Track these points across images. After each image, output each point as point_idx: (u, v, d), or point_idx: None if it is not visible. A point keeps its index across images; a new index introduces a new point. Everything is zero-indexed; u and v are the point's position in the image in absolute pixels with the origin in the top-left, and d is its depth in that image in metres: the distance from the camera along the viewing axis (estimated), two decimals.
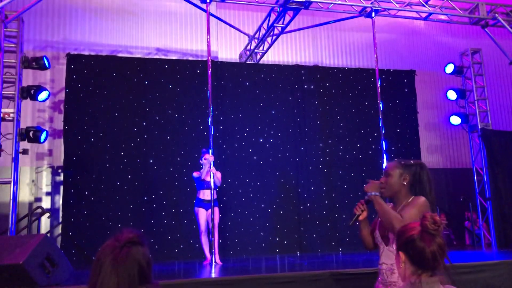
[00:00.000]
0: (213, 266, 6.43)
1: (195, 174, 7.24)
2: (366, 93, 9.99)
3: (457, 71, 10.03)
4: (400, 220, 2.70)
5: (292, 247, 8.99)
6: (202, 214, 7.11)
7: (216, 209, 7.04)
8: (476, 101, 9.76)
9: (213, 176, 6.90)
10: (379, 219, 3.00)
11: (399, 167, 3.01)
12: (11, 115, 7.44)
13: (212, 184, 6.90)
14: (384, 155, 8.03)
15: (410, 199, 2.90)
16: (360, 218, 3.09)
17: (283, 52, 10.52)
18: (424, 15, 9.33)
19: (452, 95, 9.94)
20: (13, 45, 7.69)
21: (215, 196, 7.05)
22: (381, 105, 8.14)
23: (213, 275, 5.49)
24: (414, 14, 9.42)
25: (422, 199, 2.84)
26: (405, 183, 2.96)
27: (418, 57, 11.66)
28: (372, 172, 9.45)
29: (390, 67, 11.02)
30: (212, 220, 6.78)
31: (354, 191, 9.52)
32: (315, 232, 9.20)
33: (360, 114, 9.97)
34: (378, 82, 8.19)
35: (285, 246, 8.97)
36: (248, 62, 10.06)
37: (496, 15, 9.20)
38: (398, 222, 2.67)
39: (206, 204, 7.04)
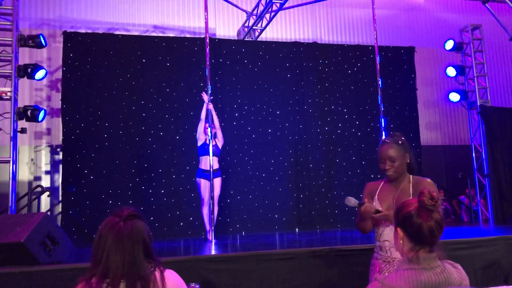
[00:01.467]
0: (213, 243, 6.48)
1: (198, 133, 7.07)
2: (365, 70, 9.93)
3: (457, 48, 9.95)
4: None
5: (291, 224, 9.06)
6: (204, 186, 7.01)
7: (217, 180, 6.98)
8: (475, 78, 9.72)
9: (210, 115, 6.77)
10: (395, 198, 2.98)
11: (400, 149, 3.04)
12: (8, 94, 7.39)
13: (211, 149, 6.75)
14: (383, 132, 8.02)
15: (416, 180, 2.97)
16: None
17: (281, 29, 10.42)
18: None
19: (451, 71, 9.89)
20: (8, 23, 7.59)
21: (217, 166, 6.99)
22: (380, 82, 8.10)
23: (212, 252, 5.54)
24: None
25: (430, 180, 2.94)
26: (408, 161, 3.03)
27: (417, 34, 11.57)
28: (371, 150, 9.48)
29: (390, 43, 10.93)
30: (212, 192, 6.71)
31: (352, 168, 9.55)
32: (314, 209, 9.27)
33: (359, 91, 9.93)
34: (378, 59, 8.13)
35: (284, 223, 9.04)
36: (246, 39, 9.98)
37: None
38: None
39: (207, 175, 6.87)
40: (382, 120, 8.11)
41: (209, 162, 6.76)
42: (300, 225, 9.11)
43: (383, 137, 7.82)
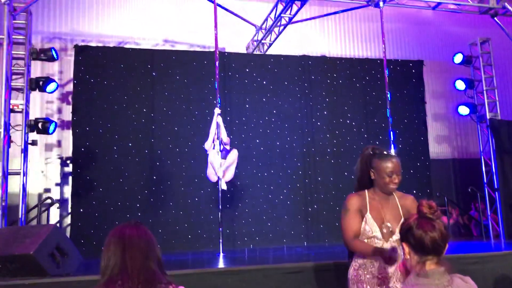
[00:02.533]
0: (221, 256, 6.42)
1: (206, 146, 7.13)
2: (374, 83, 9.93)
3: (466, 61, 9.92)
4: None
5: (300, 238, 9.01)
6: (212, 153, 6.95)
7: (234, 151, 7.01)
8: (484, 91, 9.67)
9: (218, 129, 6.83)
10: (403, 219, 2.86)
11: None
12: (20, 106, 7.48)
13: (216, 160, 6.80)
14: (392, 145, 7.99)
15: (400, 196, 2.99)
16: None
17: (290, 43, 10.45)
18: (433, 4, 9.22)
19: (460, 85, 9.85)
20: (21, 37, 7.71)
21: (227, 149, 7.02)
22: (388, 96, 8.08)
23: (221, 265, 5.51)
24: (423, 4, 9.32)
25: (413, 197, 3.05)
26: None
27: (426, 47, 11.55)
28: None
29: (398, 57, 10.93)
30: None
31: None
32: (323, 222, 9.21)
33: (368, 104, 9.92)
34: (386, 73, 8.13)
35: (292, 236, 8.99)
36: (255, 53, 10.03)
37: (506, 4, 9.08)
38: None
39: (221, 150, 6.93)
40: (391, 133, 8.07)
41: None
42: (309, 239, 9.05)
43: (392, 150, 7.78)
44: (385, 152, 3.04)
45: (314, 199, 9.30)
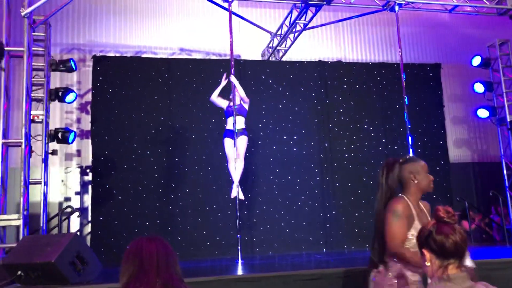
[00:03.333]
0: (239, 264, 6.42)
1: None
2: (391, 88, 9.86)
3: (484, 63, 9.80)
4: None
5: (318, 244, 8.95)
6: (228, 143, 7.10)
7: (242, 139, 7.03)
8: (504, 94, 9.53)
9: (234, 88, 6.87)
10: None
11: None
12: (40, 117, 7.60)
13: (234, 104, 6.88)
14: (410, 150, 7.91)
15: (425, 202, 3.07)
16: None
17: (306, 49, 10.45)
18: (449, 7, 9.14)
19: (479, 88, 9.73)
20: (41, 48, 7.85)
21: (242, 126, 7.06)
22: (406, 100, 8.02)
23: (239, 272, 5.50)
24: (439, 7, 9.24)
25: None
26: None
27: (443, 50, 11.43)
28: None
29: (415, 60, 10.84)
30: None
31: None
32: (341, 228, 9.14)
33: (385, 109, 9.85)
34: (403, 77, 8.07)
35: (311, 243, 8.94)
36: (270, 59, 10.04)
37: None
38: None
39: (231, 133, 7.01)
40: (409, 137, 8.00)
41: (233, 120, 6.89)
42: (328, 245, 8.98)
43: (411, 154, 7.70)
44: (413, 156, 3.21)
45: (332, 205, 9.25)
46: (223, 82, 7.26)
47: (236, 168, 6.93)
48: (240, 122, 7.04)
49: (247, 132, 7.25)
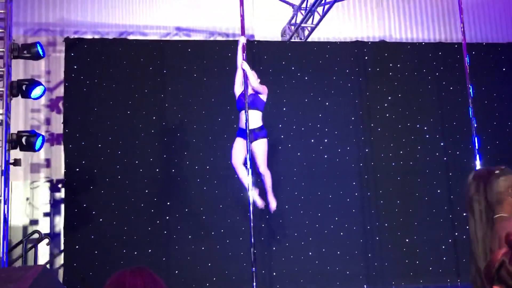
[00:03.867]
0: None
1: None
2: (451, 74, 9.78)
3: None
4: None
5: (358, 279, 8.90)
6: (237, 145, 6.91)
7: (261, 142, 6.83)
8: None
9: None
10: None
11: None
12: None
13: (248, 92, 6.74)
14: (477, 156, 7.83)
15: None
16: None
17: (339, 26, 10.42)
18: None
19: None
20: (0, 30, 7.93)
21: (260, 123, 6.89)
22: (471, 90, 7.94)
23: None
24: None
25: None
26: None
27: None
28: (462, 179, 9.22)
29: (482, 40, 10.75)
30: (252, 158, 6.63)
31: (437, 205, 9.32)
32: (387, 259, 9.07)
33: (444, 102, 9.77)
34: (467, 60, 8.00)
35: (348, 277, 8.89)
36: (293, 40, 10.03)
37: None
38: None
39: (243, 133, 6.65)
40: (475, 139, 7.92)
41: (247, 116, 6.49)
42: (370, 280, 8.94)
43: (478, 162, 7.60)
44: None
45: (376, 228, 9.18)
46: (239, 71, 7.12)
47: (265, 180, 6.92)
48: (255, 119, 6.82)
49: (266, 132, 7.04)
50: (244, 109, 6.65)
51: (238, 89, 7.14)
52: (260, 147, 6.87)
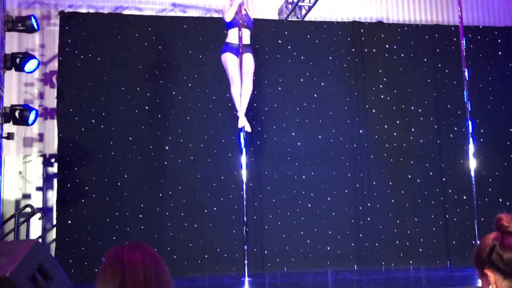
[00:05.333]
0: (246, 283, 6.45)
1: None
2: (447, 57, 9.77)
3: None
4: None
5: (348, 259, 8.95)
6: (231, 60, 7.39)
7: (249, 56, 7.39)
8: None
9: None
10: None
11: None
12: None
13: (241, 19, 7.19)
14: (471, 139, 7.86)
15: None
16: None
17: (336, 5, 10.37)
18: None
19: None
20: None
21: (248, 41, 7.43)
22: (466, 74, 7.94)
23: None
24: None
25: None
26: None
27: None
28: (454, 162, 9.28)
29: (479, 23, 10.72)
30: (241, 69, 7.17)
31: (429, 187, 9.37)
32: (378, 239, 9.13)
33: (439, 85, 9.77)
34: (463, 43, 7.98)
35: (338, 257, 8.94)
36: (290, 19, 9.98)
37: None
38: None
39: (235, 49, 7.30)
40: (470, 123, 7.94)
41: (238, 32, 7.16)
42: (360, 261, 8.99)
43: (471, 145, 7.62)
44: None
45: (368, 209, 9.23)
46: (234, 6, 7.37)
47: (242, 92, 7.26)
48: (246, 37, 7.39)
49: (251, 49, 7.59)
50: (233, 27, 7.38)
51: (229, 16, 7.43)
52: (249, 59, 7.45)
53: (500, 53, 10.17)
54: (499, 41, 10.22)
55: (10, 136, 7.87)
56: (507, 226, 1.94)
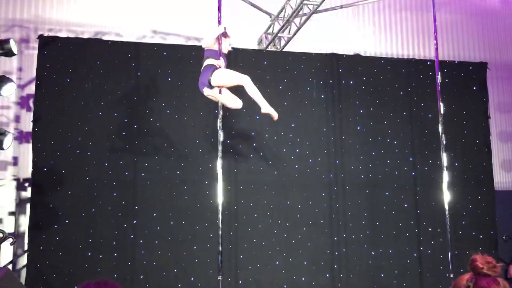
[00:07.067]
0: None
1: None
2: (422, 91, 9.92)
3: None
4: None
5: None
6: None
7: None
8: None
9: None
10: None
11: None
12: None
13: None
14: (445, 172, 7.94)
15: None
16: None
17: (315, 37, 10.49)
18: None
19: None
20: None
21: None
22: (441, 108, 8.06)
23: None
24: None
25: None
26: None
27: (491, 46, 11.52)
28: (429, 194, 9.35)
29: (455, 58, 10.92)
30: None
31: (404, 219, 9.43)
32: (353, 271, 9.13)
33: (414, 118, 9.90)
34: (438, 78, 8.11)
35: None
36: (269, 49, 10.07)
37: None
38: None
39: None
40: (444, 155, 8.03)
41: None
42: None
43: (445, 178, 7.69)
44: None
45: (343, 240, 9.24)
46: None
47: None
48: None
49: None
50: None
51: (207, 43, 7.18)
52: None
53: (474, 88, 10.35)
54: (474, 76, 10.41)
55: None
56: (482, 267, 1.96)
